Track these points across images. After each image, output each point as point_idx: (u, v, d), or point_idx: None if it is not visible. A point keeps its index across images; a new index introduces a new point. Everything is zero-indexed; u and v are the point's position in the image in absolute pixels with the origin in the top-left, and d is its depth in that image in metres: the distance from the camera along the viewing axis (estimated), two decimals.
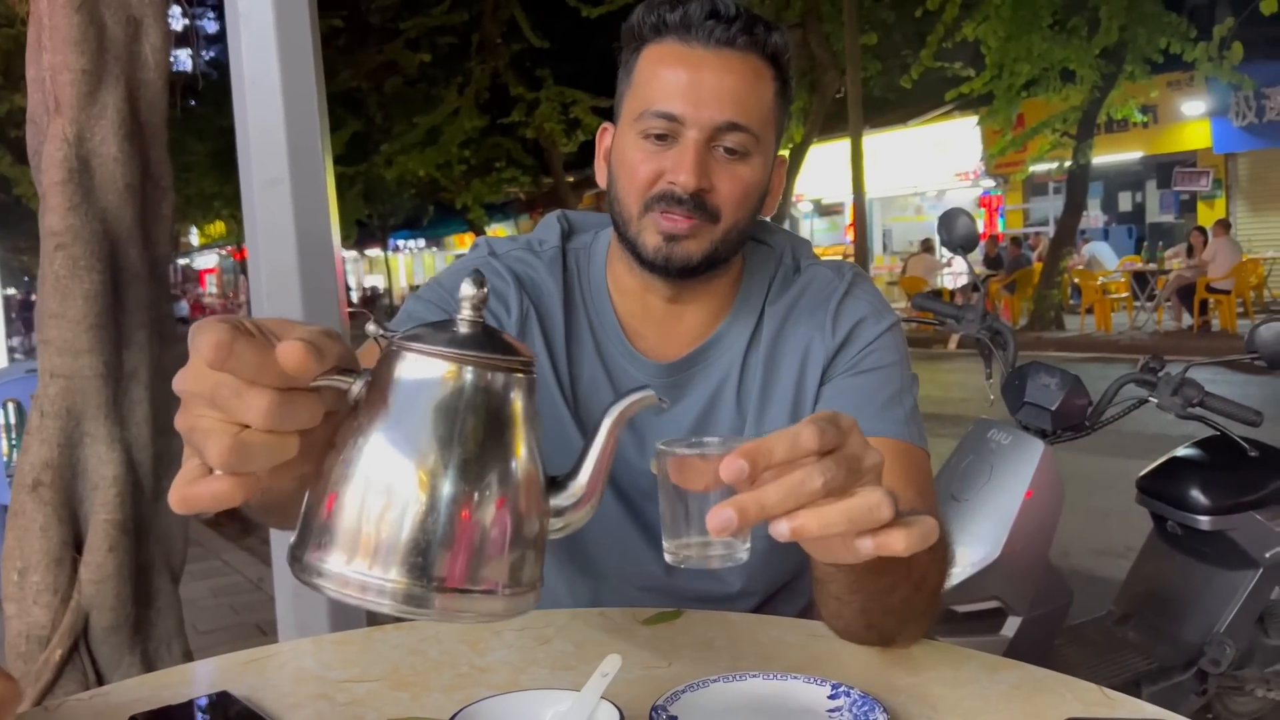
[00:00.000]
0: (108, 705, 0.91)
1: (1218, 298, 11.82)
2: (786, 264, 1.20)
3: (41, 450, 2.41)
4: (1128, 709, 0.85)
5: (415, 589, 0.59)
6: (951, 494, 2.26)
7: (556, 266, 1.18)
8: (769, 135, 1.08)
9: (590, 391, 1.16)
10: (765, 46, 1.06)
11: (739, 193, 1.06)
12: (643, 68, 1.08)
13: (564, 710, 0.77)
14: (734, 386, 1.16)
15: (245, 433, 0.57)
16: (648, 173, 1.06)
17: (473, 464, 0.61)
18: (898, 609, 0.91)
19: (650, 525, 1.18)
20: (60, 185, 2.42)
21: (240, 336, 0.56)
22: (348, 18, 14.27)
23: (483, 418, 0.61)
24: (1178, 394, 2.14)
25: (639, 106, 1.07)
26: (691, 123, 1.03)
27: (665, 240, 1.06)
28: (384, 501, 0.59)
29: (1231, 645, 2.31)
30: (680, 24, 1.04)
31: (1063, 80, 12.01)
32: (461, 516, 0.60)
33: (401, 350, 0.61)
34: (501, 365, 0.63)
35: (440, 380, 0.61)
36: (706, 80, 1.03)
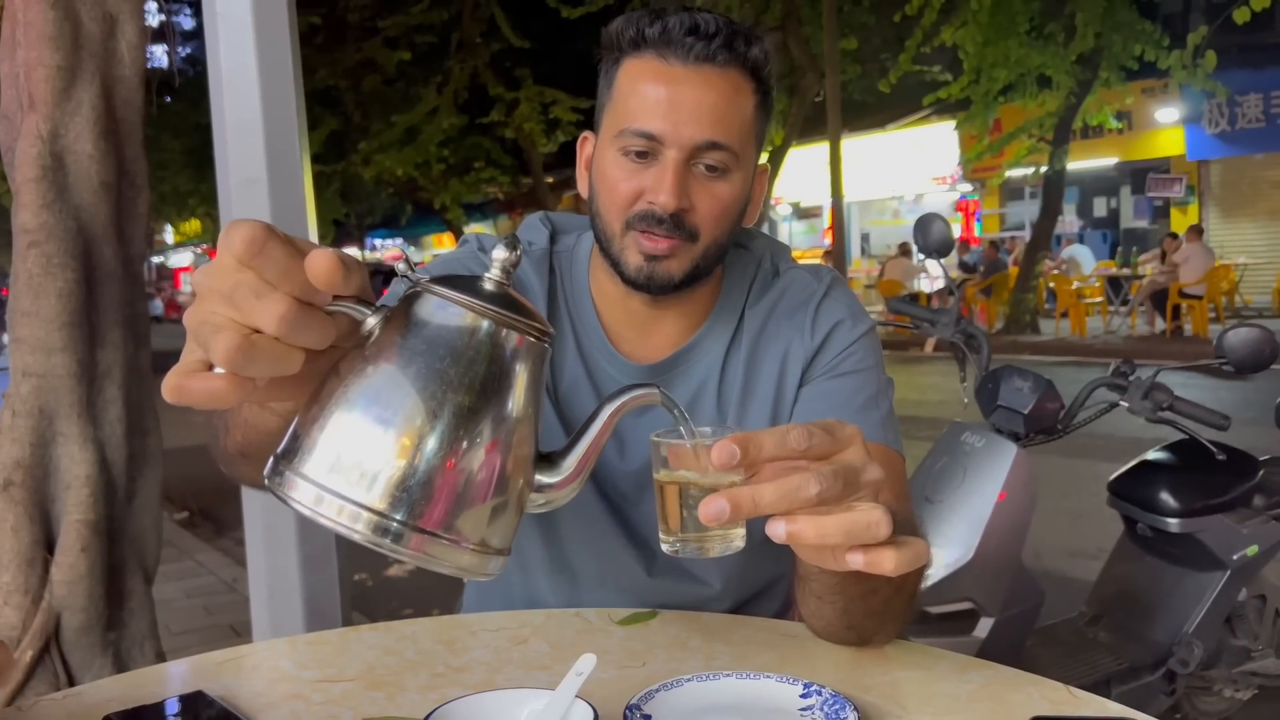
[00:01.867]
0: (81, 705, 0.90)
1: (1190, 303, 11.95)
2: (765, 268, 1.21)
3: (13, 449, 2.39)
4: (1093, 707, 0.87)
5: (390, 522, 0.59)
6: (925, 496, 2.28)
7: (543, 266, 1.19)
8: (749, 150, 1.08)
9: (572, 392, 1.17)
10: (746, 60, 1.05)
11: (718, 211, 1.06)
12: (622, 82, 1.07)
13: (539, 709, 0.77)
14: (714, 388, 1.17)
15: (256, 335, 0.57)
16: (628, 191, 1.06)
17: (472, 415, 0.61)
18: (878, 611, 0.93)
19: (631, 527, 1.19)
20: (34, 182, 2.40)
21: (273, 237, 0.56)
22: (326, 15, 14.18)
23: (492, 373, 0.62)
24: (1148, 398, 2.17)
25: (619, 123, 1.06)
26: (671, 142, 1.03)
27: (646, 260, 1.07)
28: (380, 431, 0.59)
29: (1200, 646, 2.34)
30: (659, 39, 1.03)
31: (1039, 86, 12.10)
32: (450, 463, 0.60)
33: (427, 292, 0.62)
34: (520, 326, 0.63)
35: (458, 328, 0.62)
36: (686, 98, 1.02)
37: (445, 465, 0.60)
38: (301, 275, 0.57)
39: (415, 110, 15.75)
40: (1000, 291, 14.10)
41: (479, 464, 0.62)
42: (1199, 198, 15.96)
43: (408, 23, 15.01)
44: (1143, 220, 17.21)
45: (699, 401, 1.17)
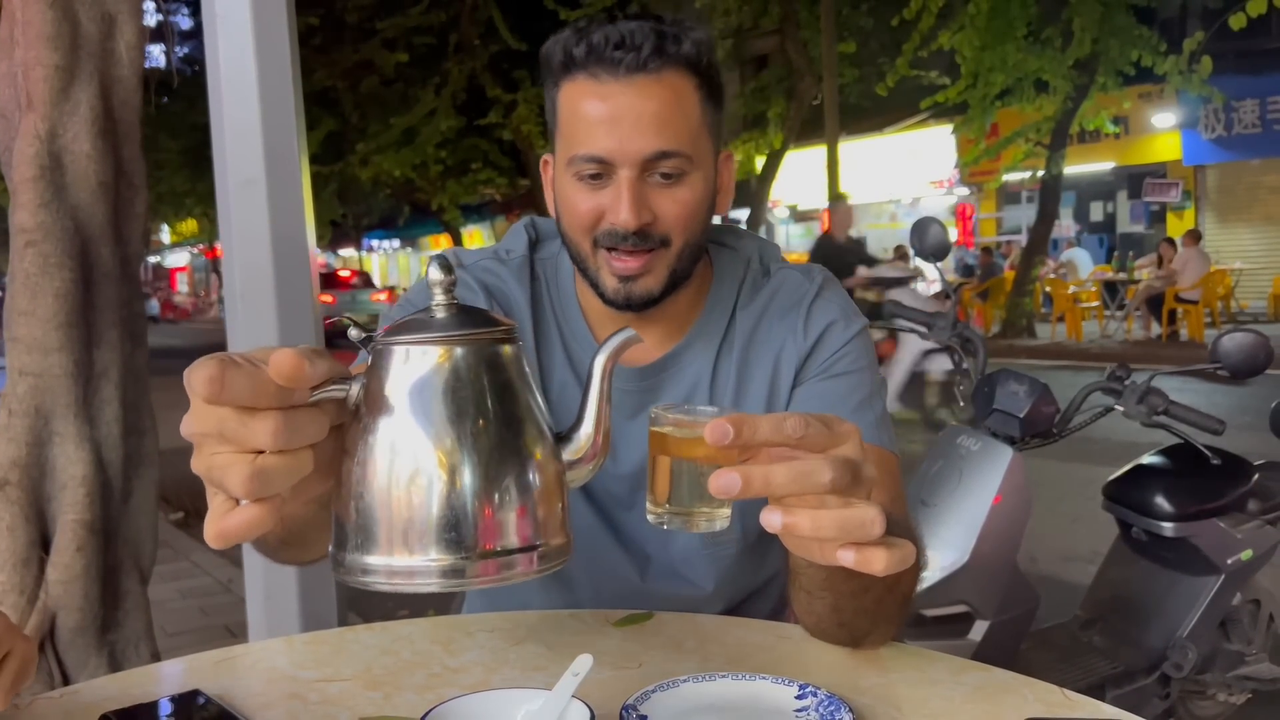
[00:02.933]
0: (78, 704, 0.90)
1: (1186, 308, 11.98)
2: (755, 268, 1.20)
3: (9, 449, 2.39)
4: (1088, 710, 0.87)
5: (457, 562, 0.62)
6: (921, 499, 2.29)
7: (524, 275, 1.19)
8: (703, 146, 1.06)
9: (560, 399, 1.17)
10: (680, 59, 1.02)
11: (684, 214, 1.05)
12: (563, 107, 1.06)
13: (535, 709, 0.78)
14: (706, 390, 1.16)
15: (260, 458, 0.59)
16: (588, 213, 1.05)
17: (478, 434, 0.63)
18: (870, 610, 0.93)
19: (623, 531, 1.19)
20: (31, 182, 2.40)
21: (229, 367, 0.58)
22: (324, 16, 14.18)
23: (477, 390, 0.63)
24: (1143, 402, 2.18)
25: (567, 149, 1.05)
26: (620, 161, 1.02)
27: (621, 281, 1.06)
28: (404, 489, 0.62)
29: (1194, 650, 2.35)
30: (588, 59, 1.01)
31: (1036, 90, 12.13)
32: (480, 485, 0.62)
33: (387, 347, 0.64)
34: (484, 338, 0.65)
35: (429, 365, 0.63)
36: (626, 115, 1.00)
37: (477, 490, 0.62)
38: (272, 387, 0.58)
39: (413, 112, 15.76)
40: (996, 296, 14.12)
41: (507, 474, 0.64)
42: (1195, 203, 16.00)
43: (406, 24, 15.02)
44: (1139, 225, 17.24)
45: (691, 403, 1.16)
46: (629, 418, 1.16)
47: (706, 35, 1.05)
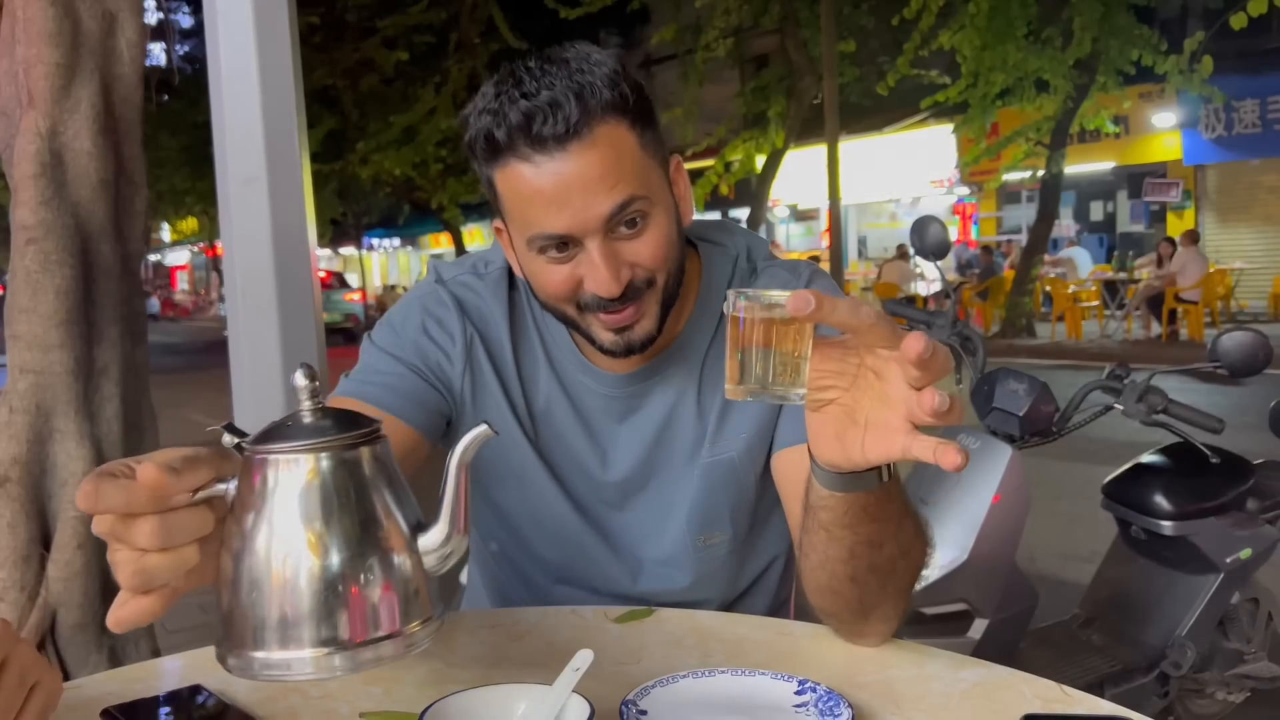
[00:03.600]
0: (80, 698, 0.91)
1: (1186, 307, 11.98)
2: (742, 266, 1.19)
3: (10, 446, 2.39)
4: (1086, 706, 0.87)
5: (330, 657, 0.66)
6: (920, 497, 2.29)
7: (501, 288, 1.17)
8: (654, 177, 1.02)
9: (547, 410, 1.16)
10: (606, 109, 0.96)
11: (659, 253, 1.02)
12: (503, 191, 1.01)
13: (536, 704, 0.78)
14: (694, 393, 1.16)
15: (145, 556, 0.65)
16: (564, 284, 1.02)
17: (334, 535, 0.67)
18: (883, 569, 0.92)
19: (614, 534, 1.20)
20: (32, 179, 2.40)
21: (104, 480, 0.63)
22: (324, 15, 14.19)
23: (333, 493, 0.67)
24: (1142, 401, 2.18)
25: (523, 230, 1.01)
26: (582, 232, 0.98)
27: (618, 333, 1.04)
28: (266, 587, 0.66)
29: (1193, 648, 2.35)
30: (513, 141, 0.96)
31: (1037, 90, 12.13)
32: (335, 582, 0.66)
33: (252, 454, 0.68)
34: (337, 443, 0.68)
35: (287, 471, 0.67)
36: (572, 186, 0.96)
37: (336, 588, 0.66)
38: (144, 494, 0.63)
39: (413, 110, 15.76)
40: (996, 295, 14.13)
41: (363, 570, 0.67)
42: (1195, 202, 16.00)
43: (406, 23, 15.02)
44: (1139, 225, 17.24)
45: (680, 407, 1.16)
46: (618, 422, 1.16)
47: (616, 62, 1.00)
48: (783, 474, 1.12)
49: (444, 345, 1.14)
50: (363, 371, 1.13)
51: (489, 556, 1.30)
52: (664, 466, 1.17)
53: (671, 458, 1.17)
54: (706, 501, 1.17)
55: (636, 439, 1.16)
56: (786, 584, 1.32)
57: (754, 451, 1.16)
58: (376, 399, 1.08)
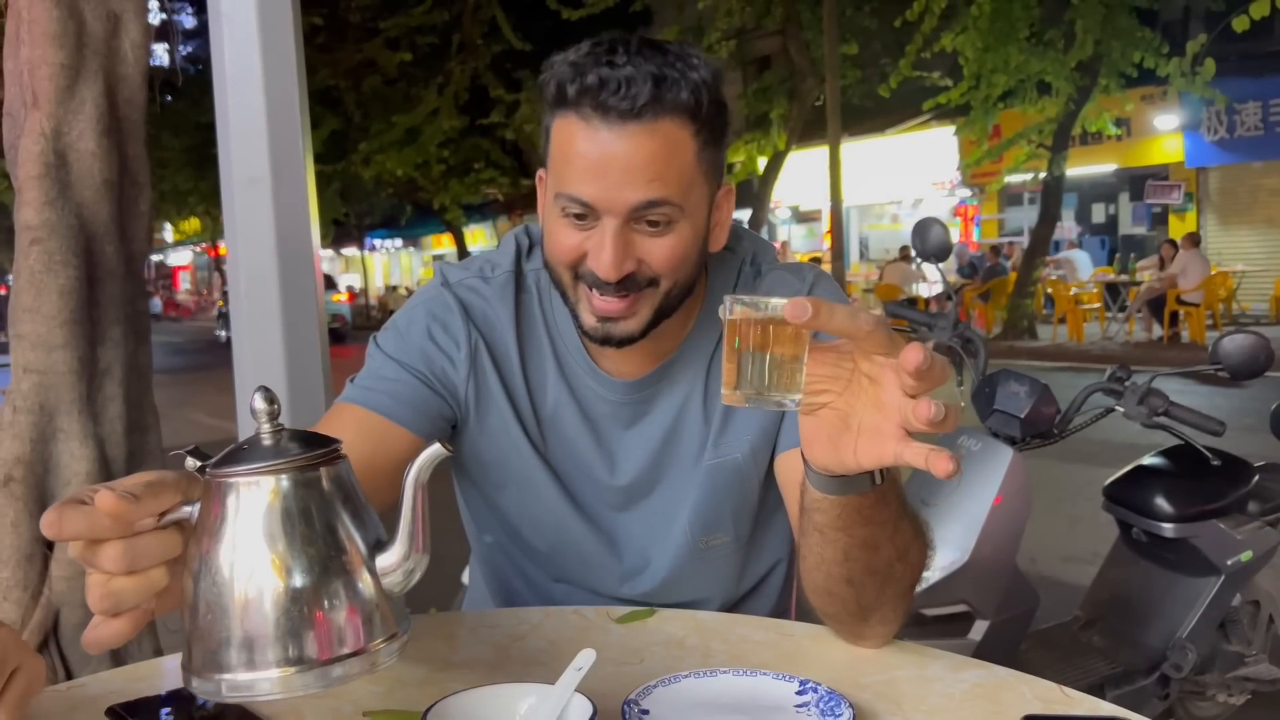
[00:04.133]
0: (84, 696, 0.91)
1: (1187, 310, 11.97)
2: (747, 271, 1.19)
3: (14, 445, 2.39)
4: (1086, 707, 0.88)
5: (293, 676, 0.67)
6: (922, 499, 2.29)
7: (508, 292, 1.16)
8: (695, 193, 1.02)
9: (555, 415, 1.16)
10: (678, 107, 0.97)
11: (671, 259, 1.02)
12: (555, 140, 1.02)
13: (538, 703, 0.78)
14: (700, 398, 1.16)
15: (112, 580, 0.66)
16: (570, 250, 1.03)
17: (293, 556, 0.67)
18: (881, 572, 0.92)
19: (615, 537, 1.20)
20: (37, 179, 2.41)
21: (67, 509, 0.65)
22: (327, 15, 14.20)
23: (291, 515, 0.68)
24: (1144, 403, 2.18)
25: (555, 184, 1.02)
26: (605, 209, 0.99)
27: (600, 321, 1.05)
28: (231, 611, 0.67)
29: (1193, 650, 2.35)
30: (579, 99, 0.97)
31: (1039, 92, 12.13)
32: (299, 602, 0.67)
33: (211, 478, 0.69)
34: (293, 464, 0.69)
35: (244, 494, 0.68)
36: (614, 163, 0.97)
37: (297, 607, 0.67)
38: (107, 520, 0.65)
39: (415, 111, 15.78)
40: (998, 297, 14.12)
41: (323, 589, 0.68)
42: (1197, 205, 15.99)
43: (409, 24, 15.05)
44: (1141, 227, 17.23)
45: (685, 412, 1.16)
46: (626, 428, 1.17)
47: (710, 73, 1.00)
48: (784, 476, 1.12)
49: (449, 351, 1.14)
50: (368, 378, 1.13)
51: (491, 557, 1.31)
52: (670, 470, 1.18)
53: (678, 461, 1.17)
54: (709, 503, 1.17)
55: (644, 444, 1.17)
56: (789, 587, 1.33)
57: (758, 454, 1.16)
58: (381, 406, 1.09)
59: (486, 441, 1.16)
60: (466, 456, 1.19)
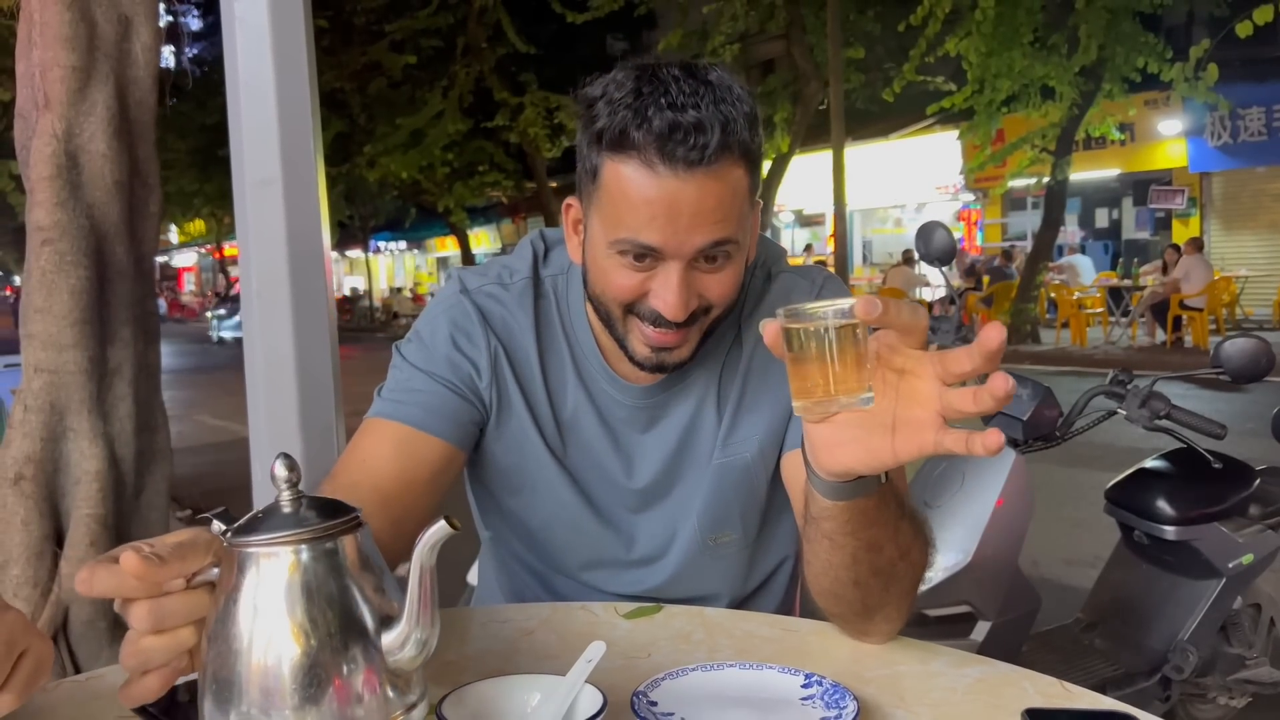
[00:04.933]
0: (104, 686, 0.93)
1: (1190, 314, 11.98)
2: (758, 275, 1.21)
3: (24, 444, 2.42)
4: (1086, 702, 0.89)
5: None
6: (925, 501, 2.31)
7: (527, 298, 1.18)
8: (746, 219, 1.03)
9: (574, 419, 1.18)
10: (739, 149, 0.98)
11: (729, 291, 1.04)
12: (610, 182, 0.99)
13: (549, 694, 0.80)
14: (713, 402, 1.18)
15: (142, 638, 0.69)
16: (629, 290, 1.03)
17: (306, 629, 0.67)
18: (885, 571, 0.94)
19: (628, 537, 1.22)
20: (48, 181, 2.43)
21: (98, 567, 0.67)
22: (332, 19, 14.25)
23: (306, 586, 0.68)
24: (1145, 406, 2.19)
25: (612, 227, 1.00)
26: (673, 254, 0.99)
27: (654, 351, 1.06)
28: (242, 677, 0.67)
29: (1194, 652, 2.36)
30: (647, 145, 0.95)
31: (1042, 97, 12.14)
32: (312, 673, 0.67)
33: (230, 545, 0.70)
34: (312, 535, 0.69)
35: (262, 564, 0.68)
36: (684, 208, 0.96)
37: (291, 679, 0.67)
38: (133, 581, 0.67)
39: (420, 114, 15.80)
40: (1002, 301, 14.12)
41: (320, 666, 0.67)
42: (1200, 210, 15.99)
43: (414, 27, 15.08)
44: (1144, 232, 17.23)
45: (700, 416, 1.18)
46: (642, 431, 1.18)
47: (753, 105, 1.01)
48: (790, 475, 1.14)
49: (473, 357, 1.15)
50: (397, 391, 1.14)
51: (501, 555, 1.32)
52: (686, 471, 1.20)
53: (693, 462, 1.19)
54: (718, 502, 1.19)
55: (660, 447, 1.19)
56: (795, 584, 1.34)
57: (766, 454, 1.18)
58: (414, 419, 1.10)
59: (503, 447, 1.18)
60: (483, 461, 1.20)
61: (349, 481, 1.06)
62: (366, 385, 1.43)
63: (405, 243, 33.93)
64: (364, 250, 29.97)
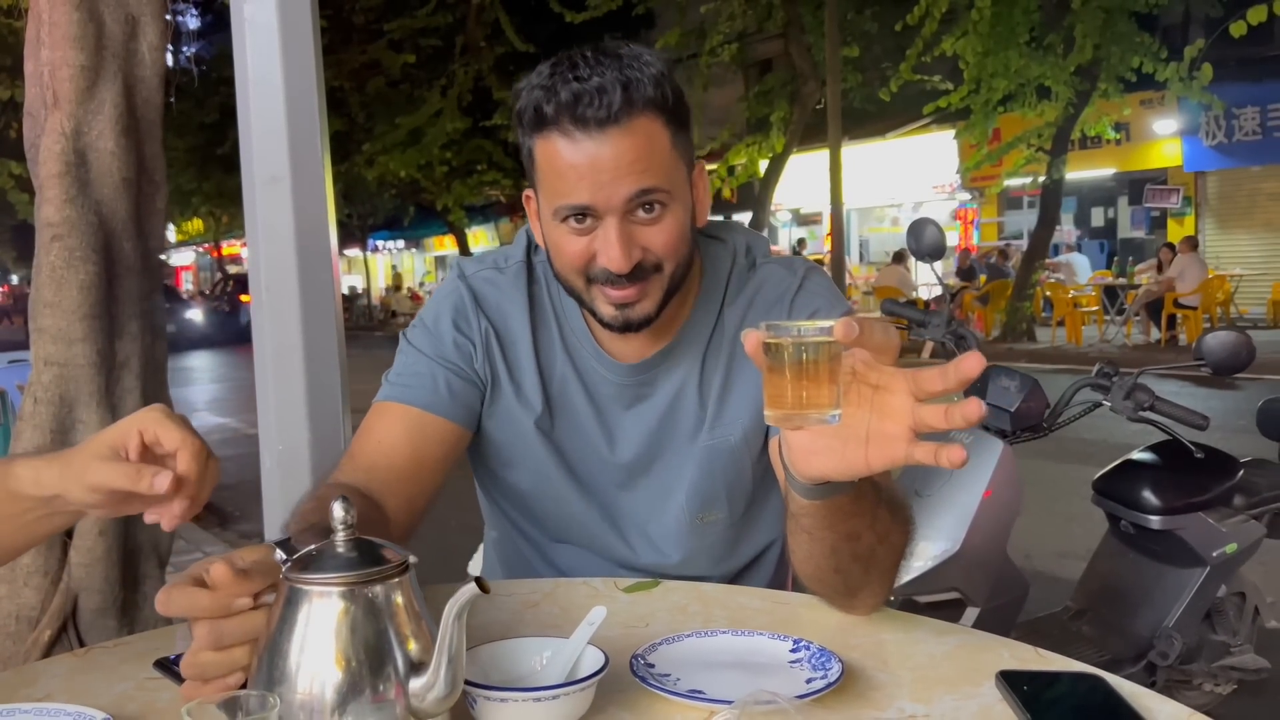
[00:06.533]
0: (132, 652, 0.99)
1: (1185, 313, 12.05)
2: (741, 262, 1.27)
3: (34, 436, 2.46)
4: (1058, 664, 0.95)
5: None
6: (914, 490, 2.36)
7: (521, 280, 1.26)
8: (678, 173, 1.11)
9: (562, 392, 1.25)
10: (647, 104, 1.07)
11: (672, 241, 1.11)
12: (540, 161, 1.11)
13: (555, 654, 0.85)
14: (695, 383, 1.24)
15: (200, 653, 0.78)
16: (579, 255, 1.11)
17: (345, 667, 0.72)
18: (864, 557, 1.00)
19: (616, 513, 1.28)
20: (57, 178, 2.48)
21: (175, 590, 0.77)
22: (331, 18, 14.27)
23: (352, 626, 0.73)
24: (1130, 398, 2.25)
25: (551, 199, 1.11)
26: (604, 208, 1.07)
27: (619, 308, 1.13)
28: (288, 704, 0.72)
29: (1179, 639, 2.42)
30: (559, 116, 1.06)
31: (1038, 96, 12.20)
32: (337, 711, 0.72)
33: (284, 580, 0.75)
34: (363, 578, 0.74)
35: (320, 603, 0.74)
36: (604, 166, 1.06)
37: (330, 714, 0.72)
38: (205, 600, 0.76)
39: (419, 113, 15.84)
40: (997, 300, 14.18)
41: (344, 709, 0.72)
42: (1196, 209, 16.05)
43: (413, 26, 15.12)
44: (1140, 231, 17.29)
45: (682, 394, 1.24)
46: (626, 408, 1.25)
47: (665, 66, 1.10)
48: (778, 462, 1.19)
49: (470, 336, 1.24)
50: (404, 375, 1.22)
51: (503, 528, 1.38)
52: (667, 449, 1.25)
53: (674, 441, 1.25)
54: (705, 482, 1.25)
55: (642, 424, 1.25)
56: (785, 568, 1.39)
57: (750, 438, 1.24)
58: (421, 401, 1.19)
59: (495, 423, 1.25)
60: (480, 436, 1.27)
61: (367, 464, 1.14)
62: (366, 382, 1.50)
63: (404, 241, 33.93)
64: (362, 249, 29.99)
